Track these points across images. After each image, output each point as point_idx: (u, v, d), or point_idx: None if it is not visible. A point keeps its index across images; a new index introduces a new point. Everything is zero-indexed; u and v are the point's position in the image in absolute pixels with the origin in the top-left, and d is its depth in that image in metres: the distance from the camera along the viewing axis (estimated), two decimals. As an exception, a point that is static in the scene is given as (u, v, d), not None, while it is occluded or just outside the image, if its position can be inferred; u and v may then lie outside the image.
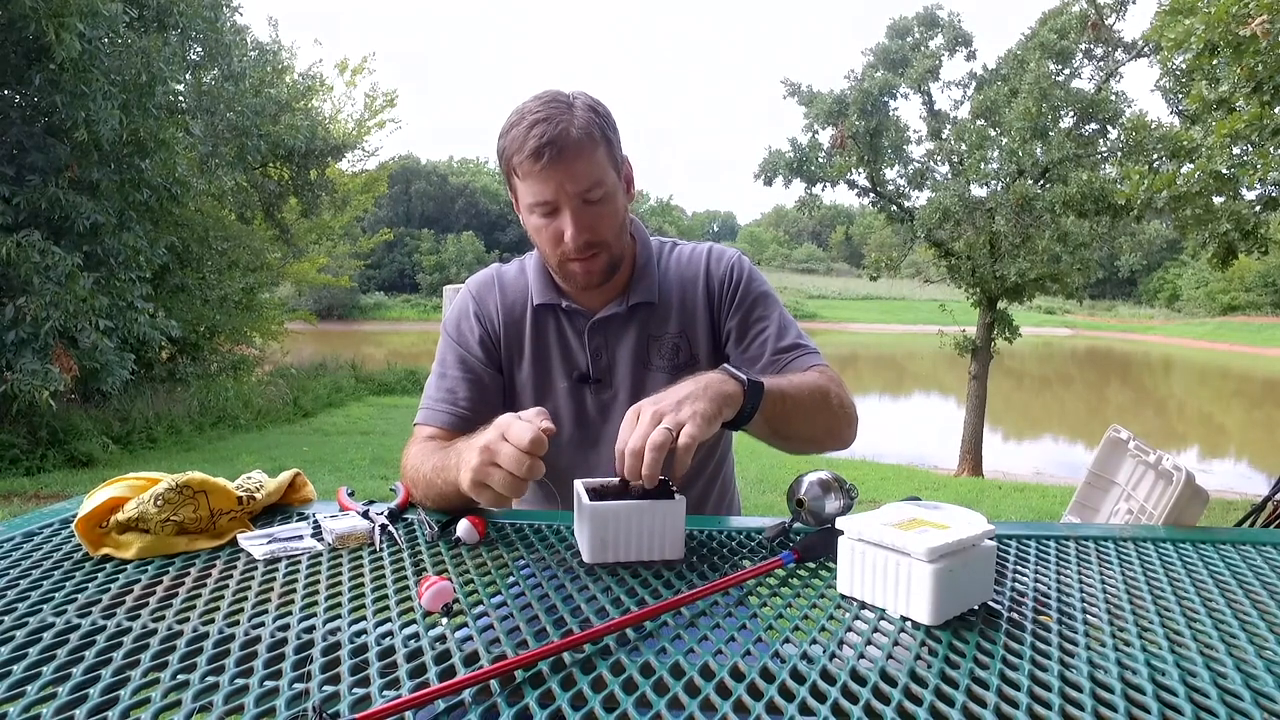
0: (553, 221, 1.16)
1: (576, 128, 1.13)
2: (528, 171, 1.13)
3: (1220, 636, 0.74)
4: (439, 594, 0.75)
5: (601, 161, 1.16)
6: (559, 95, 1.16)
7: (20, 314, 6.27)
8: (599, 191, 1.15)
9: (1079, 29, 10.61)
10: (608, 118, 1.19)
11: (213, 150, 9.73)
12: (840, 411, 1.18)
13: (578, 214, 1.14)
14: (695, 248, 1.35)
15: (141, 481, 0.98)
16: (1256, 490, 7.62)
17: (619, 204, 1.20)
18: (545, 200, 1.14)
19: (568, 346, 1.29)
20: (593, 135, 1.15)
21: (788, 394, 1.09)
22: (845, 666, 0.66)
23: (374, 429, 10.47)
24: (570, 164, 1.12)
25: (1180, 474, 2.09)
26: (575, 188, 1.13)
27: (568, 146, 1.11)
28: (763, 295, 1.30)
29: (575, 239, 1.14)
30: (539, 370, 1.29)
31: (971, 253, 10.45)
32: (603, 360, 1.28)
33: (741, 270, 1.31)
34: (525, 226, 1.23)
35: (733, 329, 1.28)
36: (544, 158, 1.10)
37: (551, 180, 1.12)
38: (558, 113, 1.13)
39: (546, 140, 1.10)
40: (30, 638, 0.70)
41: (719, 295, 1.30)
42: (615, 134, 1.20)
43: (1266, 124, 5.45)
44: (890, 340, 43.11)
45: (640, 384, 1.27)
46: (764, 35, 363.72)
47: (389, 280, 50.17)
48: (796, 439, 1.17)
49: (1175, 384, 29.31)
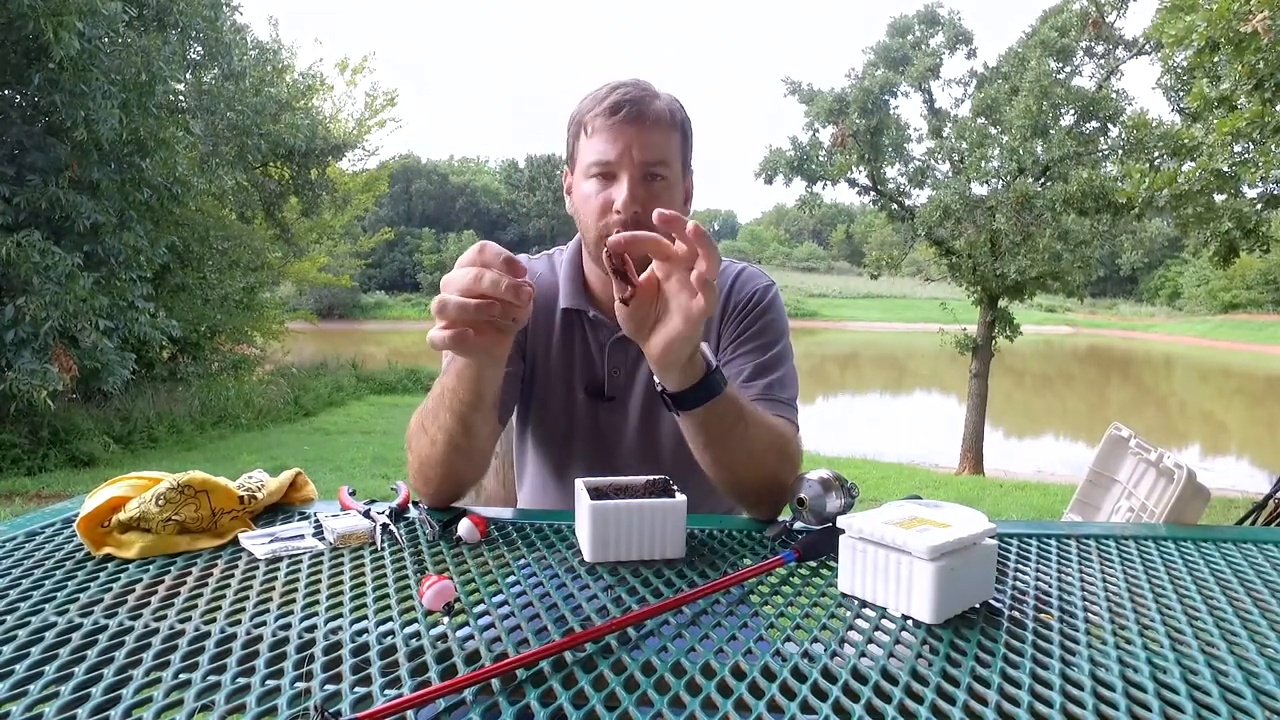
0: (606, 188, 1.11)
1: (660, 104, 1.13)
2: (599, 128, 1.10)
3: (1222, 635, 0.74)
4: (440, 593, 0.75)
5: (673, 146, 1.14)
6: (648, 82, 1.16)
7: (20, 314, 6.28)
8: (663, 171, 1.12)
9: (1080, 26, 10.59)
10: (689, 120, 1.18)
11: (213, 149, 9.74)
12: (787, 462, 1.07)
13: (635, 184, 1.09)
14: (727, 266, 1.28)
15: (143, 481, 0.98)
16: (1258, 488, 7.61)
17: (676, 199, 1.15)
18: (607, 161, 1.10)
19: (589, 357, 1.25)
20: (674, 118, 1.14)
21: (744, 407, 1.02)
22: (847, 665, 0.66)
23: (375, 428, 10.47)
24: (643, 129, 1.10)
25: (1181, 472, 2.09)
26: (641, 155, 1.10)
27: (647, 113, 1.10)
28: (770, 326, 1.22)
29: (627, 206, 1.08)
30: (561, 375, 1.25)
31: (972, 251, 10.44)
32: (620, 378, 1.24)
33: (764, 298, 1.24)
34: (572, 199, 1.18)
35: (724, 338, 1.23)
36: (620, 113, 1.09)
37: (621, 139, 1.09)
38: (644, 87, 1.13)
39: (628, 99, 1.10)
40: (32, 637, 0.70)
41: (730, 315, 1.23)
42: (691, 138, 1.19)
43: (1268, 122, 5.44)
44: (891, 339, 43.11)
45: (651, 408, 1.23)
46: (764, 34, 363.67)
47: (390, 279, 50.20)
48: (734, 463, 1.04)
49: (1176, 382, 29.29)
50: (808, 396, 19.41)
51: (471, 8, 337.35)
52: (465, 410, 0.99)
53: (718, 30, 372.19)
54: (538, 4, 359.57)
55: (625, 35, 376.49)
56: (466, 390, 0.97)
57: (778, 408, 1.15)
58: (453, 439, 1.02)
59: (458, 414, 0.99)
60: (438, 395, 1.02)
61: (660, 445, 1.24)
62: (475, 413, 0.99)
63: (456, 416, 1.00)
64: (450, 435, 1.01)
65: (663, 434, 1.24)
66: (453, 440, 1.02)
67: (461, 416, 0.99)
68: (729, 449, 1.02)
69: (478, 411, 0.99)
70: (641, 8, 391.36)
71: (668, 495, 0.94)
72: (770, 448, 1.05)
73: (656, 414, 1.23)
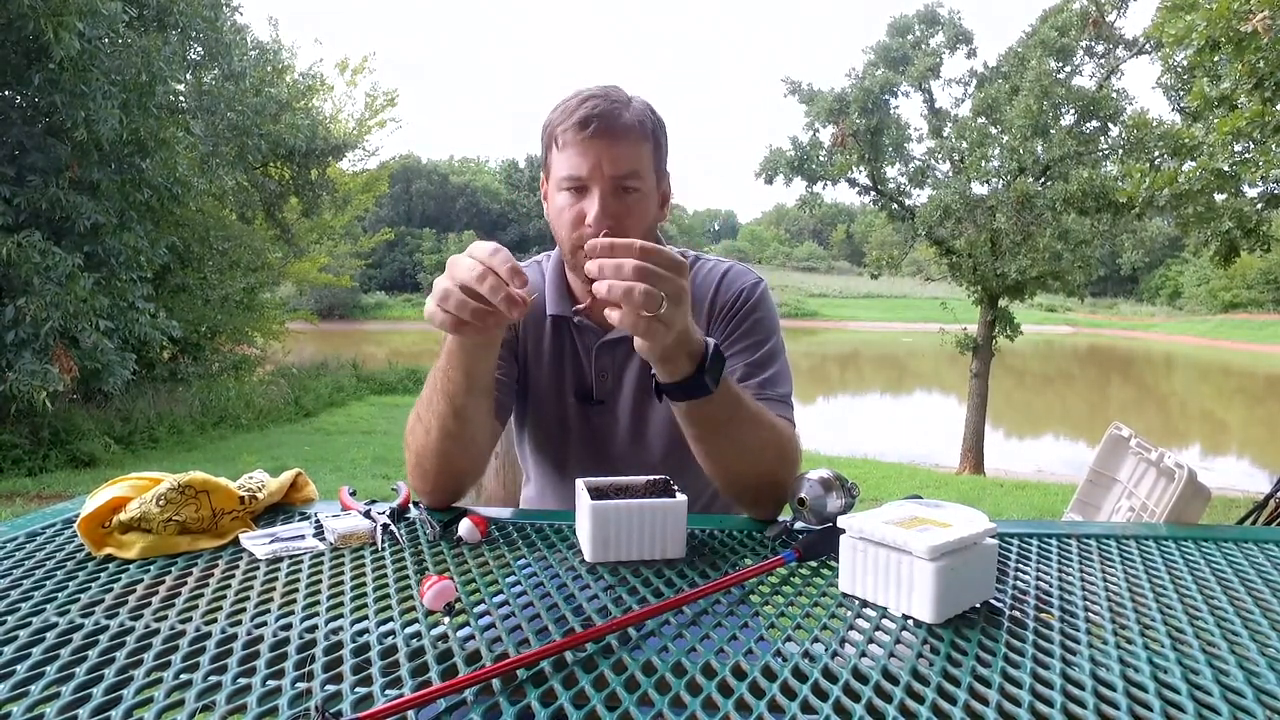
0: (578, 202, 1.11)
1: (630, 114, 1.12)
2: (569, 141, 1.10)
3: (1223, 634, 0.74)
4: (441, 593, 0.75)
5: (645, 157, 1.13)
6: (619, 89, 1.15)
7: (21, 314, 6.28)
8: (634, 184, 1.11)
9: (1080, 26, 10.60)
10: (661, 125, 1.17)
11: (213, 150, 9.74)
12: (784, 460, 1.06)
13: (606, 198, 1.09)
14: (714, 266, 1.28)
15: (144, 481, 0.98)
16: (1258, 488, 7.61)
17: (649, 209, 1.15)
18: (578, 176, 1.09)
19: (578, 362, 1.25)
20: (644, 128, 1.13)
21: (742, 404, 1.01)
22: (847, 665, 0.66)
23: (375, 428, 10.48)
24: (614, 143, 1.09)
25: (1182, 471, 2.09)
26: (612, 170, 1.09)
27: (616, 126, 1.09)
28: (760, 324, 1.22)
29: (599, 221, 1.08)
30: (553, 380, 1.26)
31: (972, 250, 10.45)
32: (608, 382, 1.24)
33: (751, 296, 1.23)
34: (548, 209, 1.19)
35: (713, 338, 1.23)
36: (589, 128, 1.08)
37: (590, 154, 1.09)
38: (614, 96, 1.12)
39: (597, 113, 1.08)
40: (34, 637, 0.70)
41: (717, 315, 1.23)
42: (665, 143, 1.18)
43: (1268, 121, 5.44)
44: (891, 338, 43.10)
45: (641, 411, 1.23)
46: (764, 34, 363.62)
47: (390, 280, 50.21)
48: (728, 458, 1.04)
49: (1177, 381, 29.28)
50: (808, 397, 19.42)
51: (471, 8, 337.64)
52: (456, 391, 1.01)
53: (718, 30, 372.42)
54: (538, 4, 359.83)
55: (625, 35, 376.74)
56: (457, 371, 1.00)
57: (773, 405, 1.14)
58: (445, 425, 1.03)
59: (449, 395, 1.01)
60: (431, 381, 1.04)
61: (650, 446, 1.24)
62: (467, 396, 1.01)
63: (448, 398, 1.01)
64: (443, 421, 1.03)
65: (652, 436, 1.24)
66: (445, 427, 1.03)
67: (452, 398, 1.01)
68: (722, 444, 1.03)
69: (469, 395, 1.01)
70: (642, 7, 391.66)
71: (668, 495, 0.94)
72: (767, 445, 1.05)
73: (646, 416, 1.23)
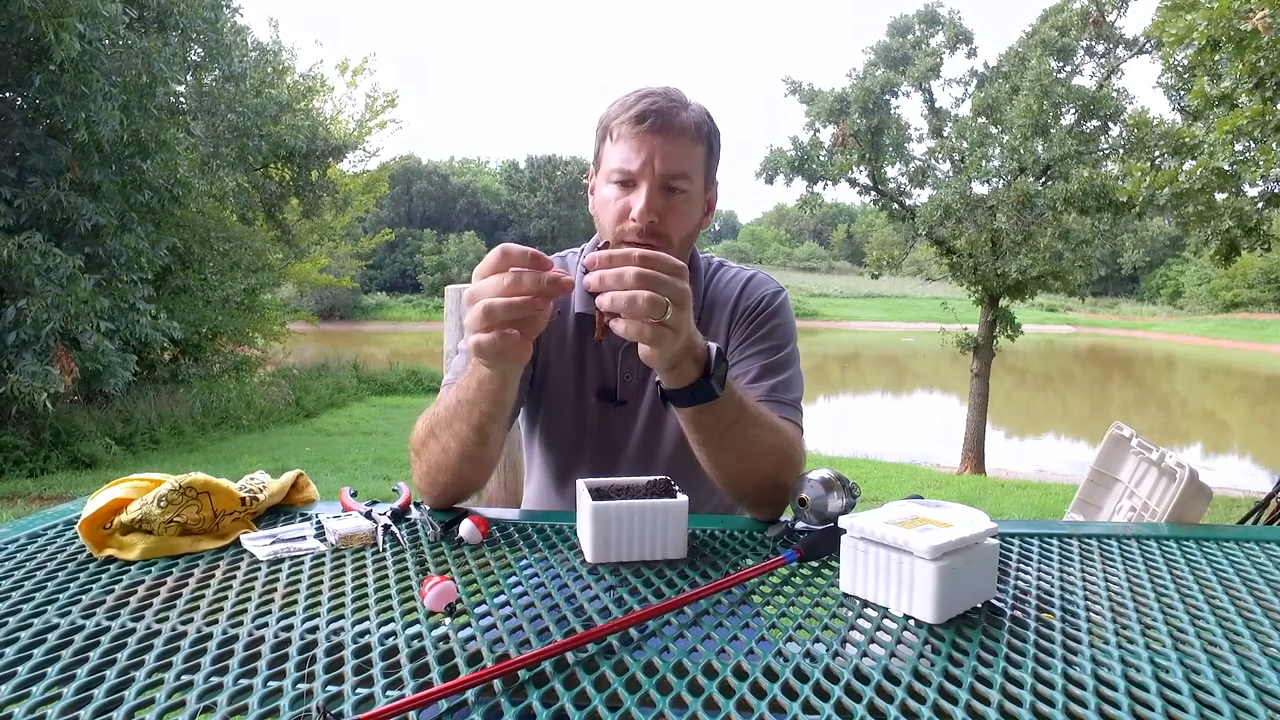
0: (625, 195, 1.12)
1: (687, 116, 1.13)
2: (623, 134, 1.11)
3: (1224, 634, 0.74)
4: (442, 594, 0.75)
5: (696, 160, 1.14)
6: (680, 91, 1.16)
7: (21, 316, 6.28)
8: (683, 184, 1.12)
9: (1080, 25, 10.59)
10: (717, 133, 1.18)
11: (214, 151, 9.75)
12: (787, 464, 1.06)
13: (654, 194, 1.10)
14: (738, 272, 1.30)
15: (145, 482, 0.98)
16: (1260, 487, 7.61)
17: (694, 212, 1.16)
18: (628, 170, 1.11)
19: (602, 361, 1.26)
20: (699, 131, 1.14)
21: (747, 409, 1.01)
22: (848, 665, 0.66)
23: (376, 429, 10.48)
24: (667, 141, 1.10)
25: (1183, 471, 2.09)
26: (663, 167, 1.10)
27: (671, 124, 1.11)
28: (779, 330, 1.23)
29: (643, 216, 1.09)
30: (573, 379, 1.26)
31: (973, 250, 10.44)
32: (632, 382, 1.25)
33: (773, 303, 1.25)
34: (592, 202, 1.20)
35: (732, 340, 1.23)
36: (645, 123, 1.10)
37: (644, 149, 1.10)
38: (673, 96, 1.14)
39: (654, 109, 1.10)
40: (35, 639, 0.70)
41: (738, 320, 1.24)
42: (718, 151, 1.19)
43: (1269, 120, 5.43)
44: (892, 338, 43.08)
45: (657, 412, 1.24)
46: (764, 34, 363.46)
47: (391, 280, 50.20)
48: (731, 462, 1.04)
49: (1178, 381, 29.26)
50: (809, 396, 19.35)
51: (471, 8, 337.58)
52: (485, 422, 1.00)
53: (718, 30, 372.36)
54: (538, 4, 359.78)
55: (625, 35, 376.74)
56: (489, 403, 0.98)
57: (782, 409, 1.15)
58: (467, 448, 1.02)
59: (476, 425, 1.00)
60: (452, 406, 1.02)
61: (662, 448, 1.25)
62: (494, 423, 1.00)
63: (474, 427, 1.00)
64: (465, 444, 1.02)
65: (665, 437, 1.24)
66: (466, 449, 1.02)
67: (480, 427, 1.00)
68: (727, 447, 1.03)
69: (497, 422, 1.01)
70: (641, 7, 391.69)
71: (669, 496, 0.94)
72: (771, 450, 1.05)
73: (662, 418, 1.24)
